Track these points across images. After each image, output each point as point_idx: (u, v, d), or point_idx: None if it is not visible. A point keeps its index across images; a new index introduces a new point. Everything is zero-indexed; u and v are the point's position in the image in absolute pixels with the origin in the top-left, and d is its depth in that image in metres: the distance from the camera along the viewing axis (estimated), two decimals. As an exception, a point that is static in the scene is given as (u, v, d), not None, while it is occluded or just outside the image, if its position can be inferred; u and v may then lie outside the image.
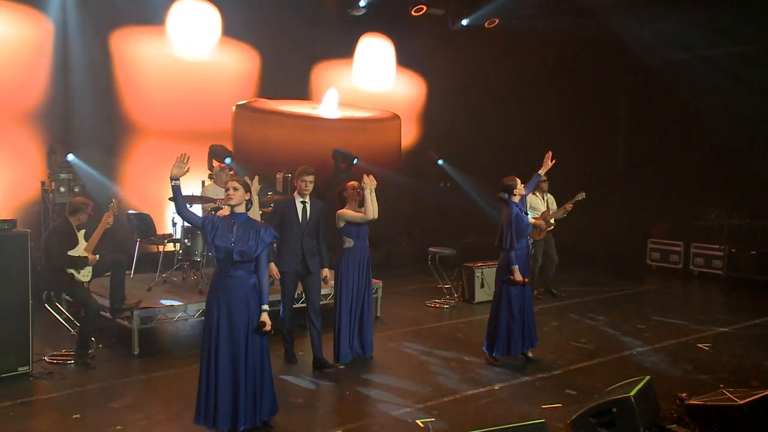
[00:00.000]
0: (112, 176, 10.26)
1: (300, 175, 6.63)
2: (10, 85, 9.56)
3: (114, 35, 10.37)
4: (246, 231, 4.92)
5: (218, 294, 4.91)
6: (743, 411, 5.06)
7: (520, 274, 6.81)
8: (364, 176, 6.85)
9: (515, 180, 7.00)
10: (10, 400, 5.70)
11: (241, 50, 11.59)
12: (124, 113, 10.48)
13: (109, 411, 5.55)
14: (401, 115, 13.64)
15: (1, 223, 6.20)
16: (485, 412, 5.70)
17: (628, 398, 5.06)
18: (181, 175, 4.93)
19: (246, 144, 11.69)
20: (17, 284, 6.21)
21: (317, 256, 6.72)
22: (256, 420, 4.99)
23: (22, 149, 9.65)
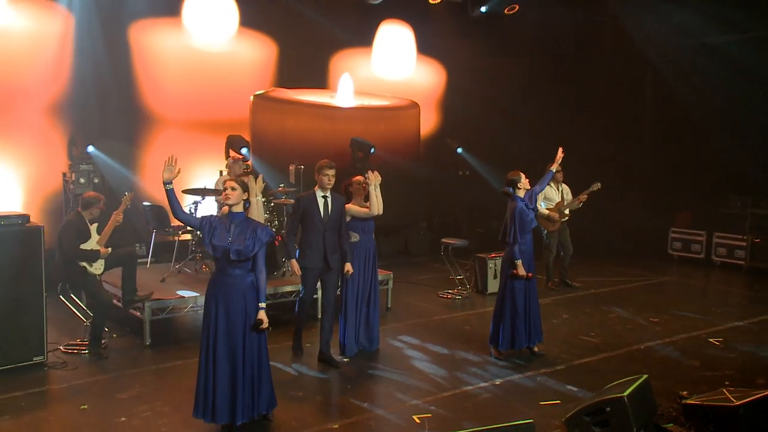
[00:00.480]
0: (131, 167, 10.44)
1: (321, 169, 6.56)
2: (34, 79, 9.75)
3: (132, 27, 10.51)
4: (243, 230, 5.01)
5: (216, 292, 5.03)
6: (740, 412, 5.04)
7: (523, 268, 6.82)
8: (369, 172, 6.88)
9: (519, 174, 7.01)
10: (23, 389, 5.92)
11: (258, 40, 11.67)
12: (143, 104, 10.65)
13: (116, 402, 5.73)
14: (421, 103, 13.61)
15: (14, 218, 6.40)
16: (482, 408, 5.75)
17: (621, 398, 5.07)
18: (173, 178, 5.03)
19: (264, 134, 11.80)
20: (31, 277, 6.41)
21: (338, 253, 6.66)
22: (253, 414, 5.12)
23: (45, 141, 9.86)
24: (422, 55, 13.63)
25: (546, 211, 9.92)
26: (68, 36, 9.99)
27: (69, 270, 6.79)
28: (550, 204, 10.00)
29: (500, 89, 13.75)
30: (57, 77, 9.90)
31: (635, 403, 5.11)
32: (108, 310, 6.86)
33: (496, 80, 13.75)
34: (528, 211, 6.89)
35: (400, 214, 13.05)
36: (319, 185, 6.56)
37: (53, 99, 9.90)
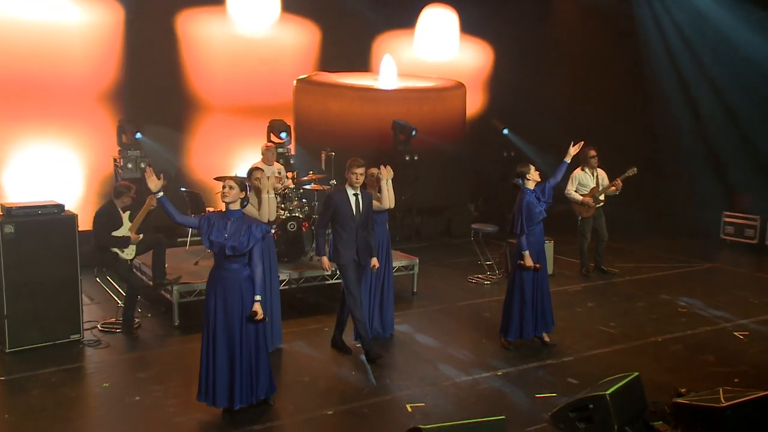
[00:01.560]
0: (178, 152, 10.96)
1: (350, 167, 6.59)
2: (88, 69, 10.37)
3: (179, 17, 10.96)
4: (239, 227, 5.31)
5: (215, 285, 5.36)
6: (726, 413, 5.04)
7: (530, 259, 6.89)
8: (381, 167, 7.03)
9: (528, 166, 7.07)
10: (56, 366, 6.46)
11: (301, 25, 11.93)
12: (190, 91, 11.12)
13: (135, 381, 6.20)
14: (467, 84, 13.59)
15: (51, 207, 6.93)
16: (477, 399, 5.91)
17: (603, 396, 5.15)
18: (160, 187, 5.33)
19: (307, 117, 12.10)
20: (67, 261, 6.94)
21: (368, 248, 6.75)
22: (251, 399, 5.46)
23: (98, 128, 10.48)
24: (468, 35, 13.58)
25: (579, 197, 9.87)
26: (119, 27, 10.52)
27: (101, 255, 7.30)
28: (584, 190, 9.91)
29: (549, 68, 13.59)
30: (108, 67, 10.47)
31: (618, 401, 5.17)
32: (138, 292, 7.34)
33: (545, 58, 13.59)
34: (537, 203, 6.92)
35: (444, 195, 13.20)
36: (349, 183, 6.61)
37: (105, 88, 10.49)
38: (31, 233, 6.75)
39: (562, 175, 7.31)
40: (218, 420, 5.42)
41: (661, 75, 13.28)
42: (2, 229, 6.61)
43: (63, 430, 5.26)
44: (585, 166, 9.95)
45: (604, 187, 9.88)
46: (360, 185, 6.64)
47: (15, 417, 5.46)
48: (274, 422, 5.44)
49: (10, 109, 9.89)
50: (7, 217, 6.71)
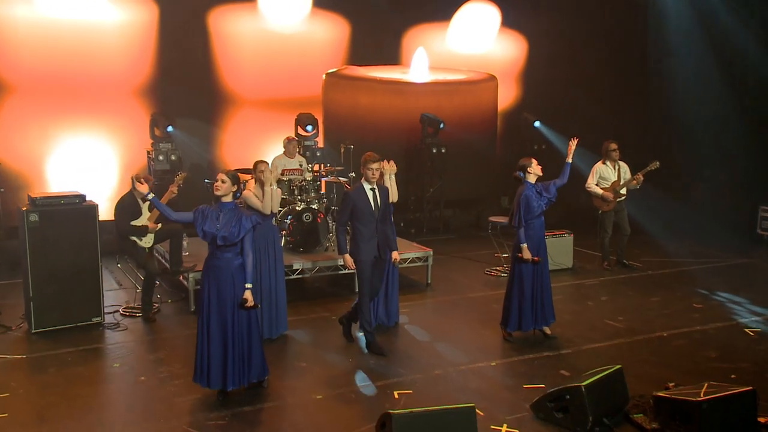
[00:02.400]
0: (210, 144, 11.37)
1: (366, 163, 6.61)
2: (124, 65, 10.87)
3: (211, 14, 11.34)
4: (230, 218, 5.58)
5: (209, 273, 5.65)
6: (702, 407, 5.05)
7: (529, 252, 6.96)
8: (384, 162, 7.13)
9: (530, 160, 7.14)
10: (75, 346, 6.89)
11: (331, 20, 12.17)
12: (221, 85, 11.52)
13: (144, 362, 6.57)
14: (500, 76, 13.61)
15: (73, 197, 7.38)
16: (464, 388, 6.03)
17: (579, 387, 5.24)
18: (148, 192, 5.61)
19: (336, 110, 12.36)
20: (88, 248, 7.37)
21: (388, 242, 6.78)
22: (244, 382, 5.74)
23: (134, 122, 10.97)
24: (505, 28, 13.57)
25: (600, 191, 9.83)
26: (153, 24, 10.98)
27: (121, 243, 7.72)
28: (605, 183, 9.86)
29: (584, 60, 13.47)
30: (143, 63, 10.95)
31: (594, 393, 5.25)
32: (154, 279, 7.73)
33: (579, 50, 13.47)
34: (536, 198, 6.98)
35: (474, 188, 13.28)
36: (365, 178, 6.63)
37: (140, 83, 10.97)
38: (54, 222, 7.20)
39: (568, 175, 7.30)
40: (213, 400, 5.71)
41: (696, 68, 12.99)
42: (27, 218, 7.07)
43: (69, 405, 5.64)
44: (606, 159, 9.91)
45: (626, 180, 9.82)
46: (376, 180, 6.67)
47: (28, 392, 5.88)
48: (264, 404, 5.70)
49: (52, 103, 10.48)
50: (32, 207, 7.18)
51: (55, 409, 5.56)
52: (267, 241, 7.01)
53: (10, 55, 10.31)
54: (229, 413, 5.50)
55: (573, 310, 8.36)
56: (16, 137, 10.34)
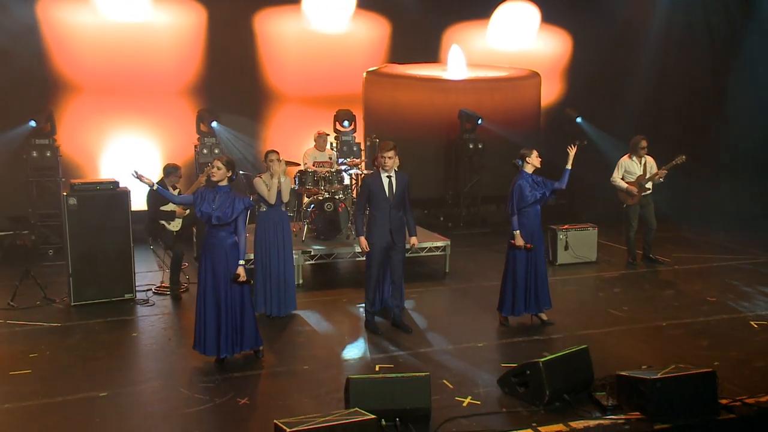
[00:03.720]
0: (253, 139, 12.06)
1: (381, 151, 6.95)
2: (173, 65, 11.71)
3: (257, 16, 12.03)
4: (224, 200, 6.13)
5: (205, 250, 6.22)
6: (657, 385, 5.22)
7: (522, 239, 7.18)
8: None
9: (531, 151, 7.34)
10: (104, 318, 7.64)
11: (372, 20, 12.64)
12: (265, 83, 12.20)
13: (159, 333, 7.23)
14: (543, 73, 13.71)
15: (107, 184, 8.16)
16: (442, 365, 6.34)
17: (537, 363, 5.49)
18: (151, 183, 6.30)
19: (376, 107, 12.82)
20: (121, 231, 8.12)
21: (404, 228, 7.05)
22: (236, 350, 6.27)
23: (183, 118, 11.78)
24: (548, 24, 13.67)
25: (624, 185, 9.87)
26: (202, 27, 11.76)
27: (152, 227, 8.43)
28: (630, 177, 9.89)
29: (628, 55, 13.42)
30: (192, 63, 11.75)
31: (552, 369, 5.48)
32: (180, 260, 8.40)
33: (624, 46, 13.42)
34: (530, 187, 7.19)
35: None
36: (381, 166, 6.94)
37: (188, 81, 11.78)
38: (91, 205, 7.99)
39: (566, 181, 7.41)
40: (209, 366, 6.27)
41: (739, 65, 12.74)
42: (67, 202, 7.88)
43: (84, 365, 6.33)
44: (633, 154, 9.92)
45: (651, 174, 9.81)
46: (392, 167, 6.94)
47: (54, 354, 6.62)
48: (254, 371, 6.21)
49: (110, 101, 11.43)
50: (72, 192, 7.98)
51: (72, 368, 6.27)
52: (276, 227, 7.53)
53: (76, 58, 11.31)
54: (220, 377, 6.04)
55: (581, 300, 8.51)
56: (78, 131, 11.34)
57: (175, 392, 5.77)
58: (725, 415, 5.34)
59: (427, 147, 12.92)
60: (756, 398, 5.54)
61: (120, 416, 5.32)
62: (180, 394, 5.72)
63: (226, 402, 5.58)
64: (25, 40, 10.91)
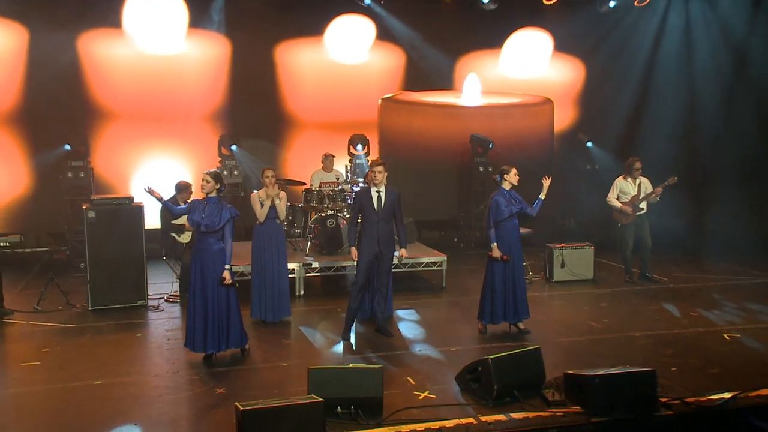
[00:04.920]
0: (272, 162, 12.77)
1: (371, 167, 7.54)
2: (201, 93, 12.59)
3: (278, 47, 12.85)
4: (213, 210, 6.77)
5: (195, 255, 6.86)
6: (594, 382, 5.58)
7: (498, 251, 7.60)
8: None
9: (510, 168, 7.79)
10: (115, 321, 8.33)
11: (389, 50, 13.32)
12: (284, 110, 12.99)
13: (159, 333, 7.88)
14: (557, 100, 14.12)
15: (123, 199, 8.93)
16: (411, 365, 6.79)
17: (487, 360, 5.89)
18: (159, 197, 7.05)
19: (391, 132, 13.44)
20: (135, 243, 8.85)
21: (391, 240, 7.51)
22: (222, 347, 6.84)
23: (207, 142, 12.62)
24: (561, 53, 14.12)
25: (619, 204, 10.18)
26: (226, 58, 12.63)
27: (164, 239, 9.16)
28: (625, 198, 10.19)
29: (640, 82, 13.76)
30: (216, 91, 12.61)
31: (501, 366, 5.87)
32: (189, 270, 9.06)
33: (636, 72, 13.77)
34: (506, 203, 7.61)
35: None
36: (371, 181, 7.62)
37: (212, 108, 12.63)
38: (108, 219, 8.74)
39: (537, 210, 7.79)
40: (198, 362, 6.86)
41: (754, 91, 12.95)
42: (87, 215, 8.67)
43: (87, 359, 6.98)
44: (628, 175, 10.24)
45: (646, 194, 10.09)
46: (381, 182, 7.46)
47: (63, 349, 7.31)
48: (236, 367, 6.77)
49: (140, 126, 12.35)
50: (91, 206, 8.76)
51: (76, 361, 6.94)
52: (271, 239, 8.14)
53: (111, 87, 12.30)
54: (204, 371, 6.63)
55: (564, 312, 8.84)
56: (111, 153, 12.28)
57: (162, 382, 6.37)
58: (664, 412, 5.64)
59: (440, 170, 13.45)
60: (697, 398, 5.79)
61: (108, 401, 5.92)
62: (165, 384, 6.32)
63: (205, 391, 6.15)
64: (66, 71, 11.95)
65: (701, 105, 13.60)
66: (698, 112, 13.44)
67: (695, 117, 13.59)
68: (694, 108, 13.39)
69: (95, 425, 5.47)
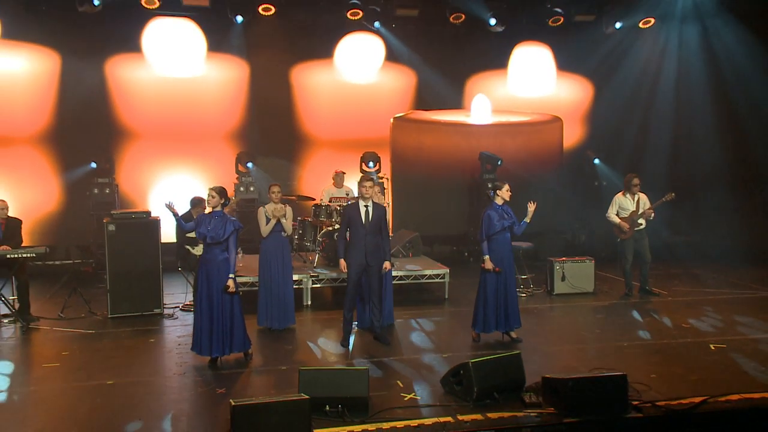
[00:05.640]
0: (288, 178, 13.35)
1: (360, 182, 8.02)
2: (220, 113, 13.25)
3: (294, 69, 13.45)
4: (218, 223, 7.27)
5: (201, 265, 7.37)
6: (568, 384, 5.93)
7: (491, 263, 7.98)
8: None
9: (503, 184, 8.18)
10: (132, 327, 8.87)
11: (399, 71, 13.83)
12: (299, 129, 13.58)
13: (171, 339, 8.39)
14: (565, 117, 14.48)
15: (141, 213, 9.52)
16: (402, 370, 7.18)
17: (467, 363, 6.28)
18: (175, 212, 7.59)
19: (403, 150, 13.91)
20: (152, 254, 9.41)
21: (379, 252, 7.91)
22: (226, 351, 7.31)
23: (225, 159, 13.23)
24: (566, 72, 14.51)
25: (617, 220, 10.48)
26: (244, 79, 13.25)
27: (179, 251, 9.71)
28: (624, 213, 10.49)
29: (647, 100, 14.06)
30: (235, 111, 13.24)
31: (482, 370, 6.24)
32: (202, 280, 9.60)
33: (643, 91, 14.08)
34: (497, 217, 7.99)
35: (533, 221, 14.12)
36: (360, 196, 8.02)
37: (231, 128, 13.25)
38: (127, 231, 9.32)
39: (522, 231, 8.15)
40: (203, 364, 7.34)
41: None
42: (107, 228, 9.26)
43: (103, 361, 7.51)
44: (626, 191, 10.54)
45: (643, 210, 10.39)
46: (370, 197, 7.97)
47: (81, 353, 7.85)
48: (240, 369, 7.24)
49: (162, 145, 13.02)
50: (111, 219, 9.36)
51: (93, 363, 7.46)
52: (277, 252, 8.62)
53: (135, 109, 13.01)
54: (208, 374, 7.11)
55: (560, 323, 9.17)
56: (134, 171, 12.98)
57: (168, 382, 6.87)
58: (633, 414, 5.96)
59: (450, 187, 13.87)
60: (668, 402, 6.10)
61: (118, 398, 6.42)
62: (171, 384, 6.81)
63: (207, 391, 6.62)
64: (94, 94, 12.69)
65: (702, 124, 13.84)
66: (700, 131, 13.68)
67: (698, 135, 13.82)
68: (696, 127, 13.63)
69: (104, 419, 5.96)
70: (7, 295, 9.21)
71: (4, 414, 6.16)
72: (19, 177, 12.61)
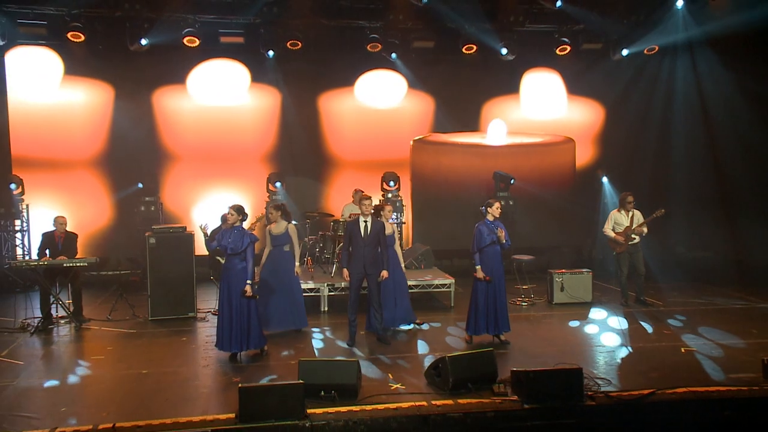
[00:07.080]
0: (315, 197, 14.51)
1: (360, 200, 9.27)
2: (254, 138, 14.54)
3: (321, 97, 14.68)
4: (237, 236, 8.43)
5: (223, 273, 8.53)
6: (530, 375, 6.85)
7: (482, 272, 8.92)
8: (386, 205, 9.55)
9: (494, 202, 9.09)
10: (168, 328, 10.10)
11: (419, 98, 14.91)
12: (326, 151, 14.75)
13: (201, 338, 9.56)
14: (577, 139, 15.32)
15: (177, 228, 10.76)
16: (394, 365, 8.19)
17: (444, 357, 7.25)
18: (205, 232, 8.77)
19: (421, 170, 14.96)
20: (186, 265, 10.64)
21: (377, 263, 8.92)
22: (243, 348, 8.43)
23: (258, 179, 14.49)
24: (577, 96, 15.37)
25: (613, 234, 11.29)
26: (276, 107, 14.52)
27: (211, 262, 10.93)
28: (619, 228, 11.30)
29: (657, 123, 14.80)
30: (268, 136, 14.50)
31: (457, 363, 7.18)
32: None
33: (653, 114, 14.83)
34: (488, 232, 8.92)
35: (542, 237, 14.99)
36: (361, 212, 9.20)
37: (264, 151, 14.51)
38: (165, 244, 10.58)
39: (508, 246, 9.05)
40: (224, 359, 8.48)
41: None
42: (148, 241, 10.54)
43: (142, 355, 8.71)
44: (622, 208, 11.36)
45: (636, 226, 11.18)
46: (369, 214, 9.02)
47: (123, 348, 9.10)
48: (255, 363, 8.34)
49: (201, 167, 14.36)
50: (152, 233, 10.64)
51: (133, 357, 8.68)
52: (281, 266, 9.70)
53: (177, 135, 14.40)
54: (228, 366, 8.24)
55: (550, 329, 9.99)
56: (176, 190, 14.35)
57: (192, 372, 8.02)
58: (587, 402, 6.82)
59: (465, 204, 14.75)
60: (619, 393, 6.96)
61: (150, 384, 7.59)
62: (195, 373, 7.96)
63: (225, 379, 7.74)
64: (142, 122, 14.14)
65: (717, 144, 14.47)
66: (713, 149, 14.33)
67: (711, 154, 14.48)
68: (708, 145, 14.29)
69: (138, 400, 7.12)
70: (64, 300, 10.55)
71: (60, 393, 7.39)
72: (76, 196, 14.10)
